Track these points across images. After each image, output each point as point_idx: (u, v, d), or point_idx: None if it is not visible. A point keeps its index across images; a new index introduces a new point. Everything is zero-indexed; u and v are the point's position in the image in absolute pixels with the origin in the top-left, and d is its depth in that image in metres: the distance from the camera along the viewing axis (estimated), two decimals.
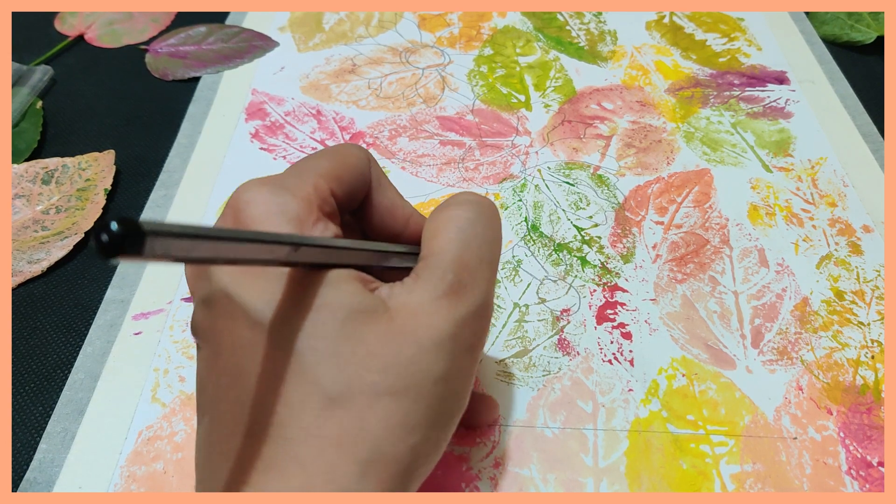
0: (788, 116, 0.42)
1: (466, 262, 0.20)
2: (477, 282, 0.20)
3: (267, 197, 0.19)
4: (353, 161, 0.22)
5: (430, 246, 0.20)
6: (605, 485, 0.26)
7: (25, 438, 0.28)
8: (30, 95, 0.43)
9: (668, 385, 0.29)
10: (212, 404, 0.19)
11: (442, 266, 0.19)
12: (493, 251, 0.21)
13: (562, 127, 0.42)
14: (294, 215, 0.19)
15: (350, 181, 0.21)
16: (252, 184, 0.20)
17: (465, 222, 0.21)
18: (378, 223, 0.23)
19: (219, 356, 0.19)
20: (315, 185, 0.20)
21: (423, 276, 0.19)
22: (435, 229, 0.21)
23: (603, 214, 0.36)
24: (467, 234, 0.20)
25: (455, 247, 0.20)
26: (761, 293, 0.33)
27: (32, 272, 0.34)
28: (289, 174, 0.20)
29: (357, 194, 0.22)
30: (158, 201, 0.37)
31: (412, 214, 0.23)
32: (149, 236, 0.11)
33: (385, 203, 0.23)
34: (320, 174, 0.20)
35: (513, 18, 0.50)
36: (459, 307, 0.19)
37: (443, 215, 0.21)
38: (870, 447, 0.27)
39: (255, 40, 0.48)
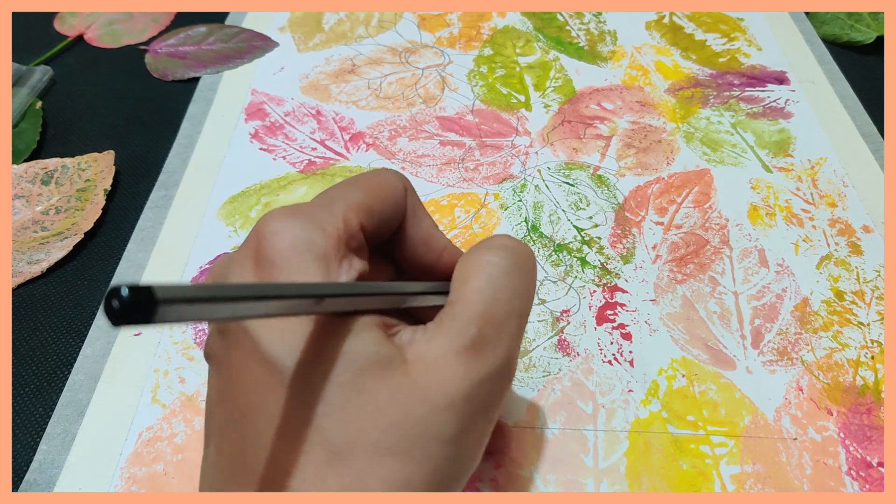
0: (788, 116, 0.42)
1: (493, 316, 0.19)
2: (501, 338, 0.19)
3: (293, 231, 0.18)
4: (389, 191, 0.21)
5: (458, 291, 0.19)
6: (605, 485, 0.26)
7: (25, 439, 0.28)
8: (29, 96, 0.43)
9: (668, 386, 0.29)
10: (218, 436, 0.19)
11: (466, 317, 0.18)
12: (523, 304, 0.20)
13: (562, 127, 0.42)
14: (320, 252, 0.18)
15: (383, 213, 0.20)
16: (279, 214, 0.19)
17: (498, 271, 0.19)
18: (410, 254, 0.22)
19: (230, 388, 0.18)
20: (345, 219, 0.19)
21: (445, 324, 0.18)
22: (466, 273, 0.20)
23: (603, 215, 0.36)
24: (498, 285, 0.19)
25: (483, 297, 0.19)
26: (761, 293, 0.33)
27: (32, 273, 0.34)
28: (318, 204, 0.19)
29: (390, 225, 0.21)
30: (158, 201, 0.37)
31: (447, 247, 0.22)
32: (161, 305, 0.11)
33: (420, 234, 0.22)
34: (351, 206, 0.19)
35: (512, 18, 0.50)
36: (479, 365, 0.18)
37: (476, 259, 0.20)
38: (870, 448, 0.27)
39: (254, 40, 0.48)
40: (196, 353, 0.30)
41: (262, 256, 0.18)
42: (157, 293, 0.11)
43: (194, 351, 0.30)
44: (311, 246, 0.18)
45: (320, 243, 0.18)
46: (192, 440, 0.27)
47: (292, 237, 0.18)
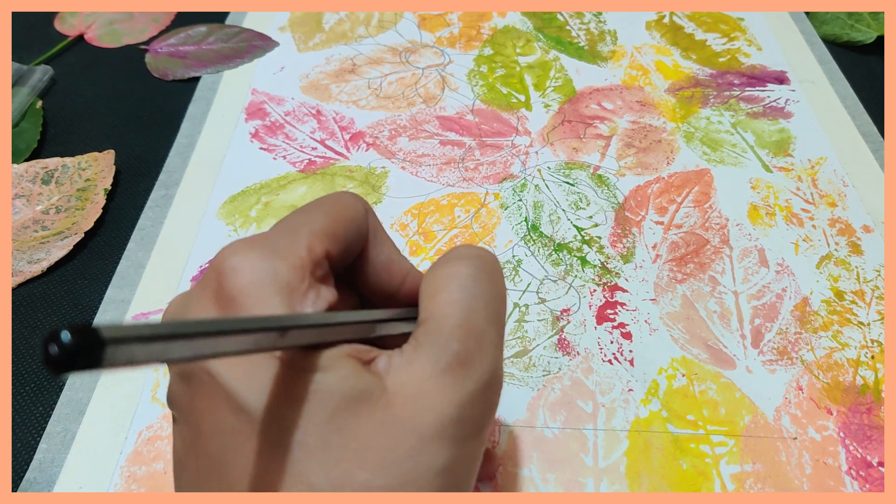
0: (788, 116, 0.42)
1: (472, 327, 0.18)
2: (485, 348, 0.18)
3: (254, 264, 0.17)
4: (350, 213, 0.20)
5: (429, 307, 0.18)
6: (605, 485, 0.26)
7: (26, 438, 0.28)
8: (30, 95, 0.43)
9: (668, 385, 0.29)
10: (190, 485, 0.17)
11: (444, 332, 0.17)
12: (499, 310, 0.19)
13: (562, 127, 0.42)
14: (284, 284, 0.17)
15: (346, 237, 0.19)
16: (238, 247, 0.17)
17: (468, 279, 0.18)
18: (373, 279, 0.21)
19: (198, 437, 0.17)
20: (308, 247, 0.18)
21: (423, 344, 0.17)
22: (435, 288, 0.19)
23: (603, 214, 0.36)
24: (471, 293, 0.18)
25: (458, 308, 0.18)
26: (761, 293, 0.33)
27: (32, 272, 0.34)
28: (279, 233, 0.18)
29: (353, 250, 0.20)
30: (158, 201, 0.37)
31: (409, 271, 0.21)
32: (109, 346, 0.10)
33: (381, 258, 0.21)
34: (314, 232, 0.18)
35: (513, 18, 0.50)
36: (466, 383, 0.17)
37: (442, 272, 0.19)
38: (870, 447, 0.27)
39: (255, 40, 0.48)
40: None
41: (222, 293, 0.17)
42: (103, 333, 0.10)
43: None
44: (274, 278, 0.17)
45: (284, 275, 0.17)
46: None
47: (253, 271, 0.17)
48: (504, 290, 0.20)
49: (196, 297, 0.18)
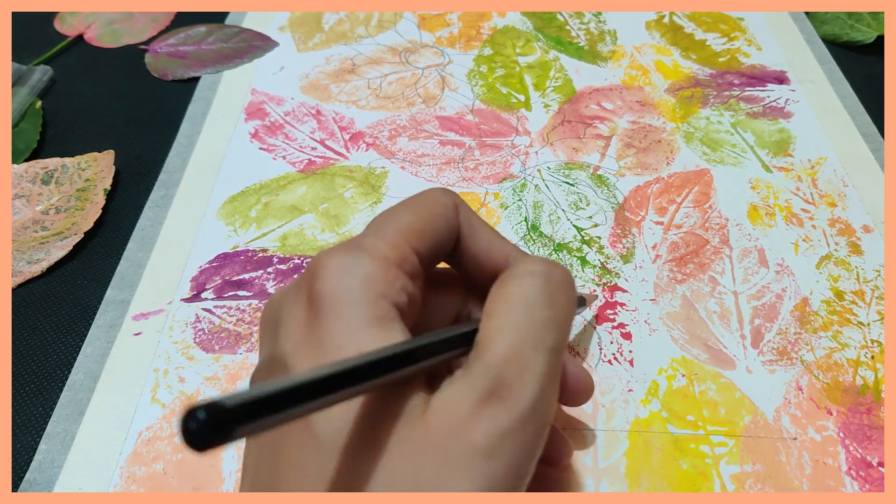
0: (788, 116, 0.42)
1: (515, 356, 0.17)
2: (526, 379, 0.17)
3: (341, 260, 0.18)
4: (439, 210, 0.20)
5: (483, 329, 0.18)
6: (605, 485, 0.26)
7: (25, 439, 0.28)
8: (29, 95, 0.43)
9: (667, 385, 0.29)
10: (252, 469, 0.18)
11: (486, 360, 0.17)
12: (556, 337, 0.18)
13: (561, 127, 0.42)
14: (367, 276, 0.18)
15: (434, 234, 0.20)
16: (330, 250, 0.18)
17: (524, 303, 0.18)
18: (475, 268, 0.21)
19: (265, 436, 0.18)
20: (394, 244, 0.19)
21: (468, 368, 0.17)
22: (491, 309, 0.18)
23: (603, 214, 0.36)
24: (522, 320, 0.18)
25: (505, 336, 0.17)
26: (761, 293, 0.33)
27: (32, 272, 0.34)
28: (368, 232, 0.19)
29: (444, 246, 0.20)
30: (158, 201, 0.37)
31: (510, 252, 0.21)
32: (238, 421, 0.11)
33: (480, 247, 0.21)
34: (401, 231, 0.19)
35: (512, 18, 0.50)
36: (500, 415, 0.16)
37: (501, 290, 0.19)
38: (870, 447, 0.27)
39: (254, 40, 0.48)
40: (196, 352, 0.30)
41: (314, 295, 0.18)
42: (230, 409, 0.11)
43: (194, 350, 0.30)
44: (358, 272, 0.17)
45: (367, 269, 0.18)
46: None
47: (339, 266, 0.18)
48: (568, 312, 0.19)
49: (291, 298, 0.18)
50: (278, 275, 0.33)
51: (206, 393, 0.29)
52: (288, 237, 0.35)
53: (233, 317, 0.32)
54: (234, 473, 0.26)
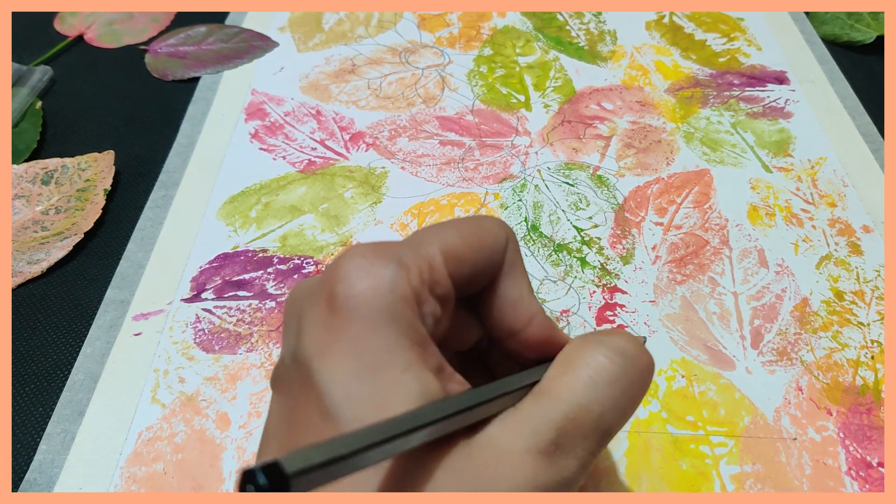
0: (788, 116, 0.42)
1: (577, 426, 0.17)
2: (577, 452, 0.17)
3: (373, 271, 0.17)
4: (489, 241, 0.19)
5: (553, 381, 0.18)
6: (605, 485, 0.26)
7: (25, 439, 0.28)
8: (29, 95, 0.43)
9: (667, 386, 0.29)
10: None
11: (549, 416, 0.17)
12: (616, 422, 0.18)
13: (561, 127, 0.42)
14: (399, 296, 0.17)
15: (475, 263, 0.19)
16: (361, 251, 0.17)
17: (604, 377, 0.18)
18: (498, 313, 0.20)
19: (286, 422, 0.17)
20: (431, 263, 0.18)
21: (525, 414, 0.17)
22: (569, 364, 0.18)
23: (602, 215, 0.36)
24: (597, 394, 0.17)
25: (575, 401, 0.17)
26: (761, 294, 0.33)
27: (32, 273, 0.34)
28: (407, 243, 0.18)
29: (481, 278, 0.19)
30: (158, 201, 0.37)
31: (536, 315, 0.20)
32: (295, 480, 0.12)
33: (511, 294, 0.20)
34: (441, 249, 0.18)
35: (512, 18, 0.50)
36: (549, 472, 0.16)
37: (586, 354, 0.18)
38: (869, 447, 0.27)
39: (254, 40, 0.48)
40: (196, 352, 0.30)
41: (335, 297, 0.17)
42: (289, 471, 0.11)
43: (194, 350, 0.30)
44: (390, 291, 0.16)
45: (400, 288, 0.17)
46: (191, 440, 0.27)
47: (370, 280, 0.17)
48: (638, 402, 0.19)
49: (312, 298, 0.18)
50: (278, 275, 0.33)
51: (205, 393, 0.29)
52: (288, 237, 0.35)
53: (233, 317, 0.32)
54: (234, 474, 0.26)
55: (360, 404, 0.16)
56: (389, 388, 0.16)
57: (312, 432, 0.16)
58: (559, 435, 0.17)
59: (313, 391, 0.16)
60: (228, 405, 0.29)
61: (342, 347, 0.16)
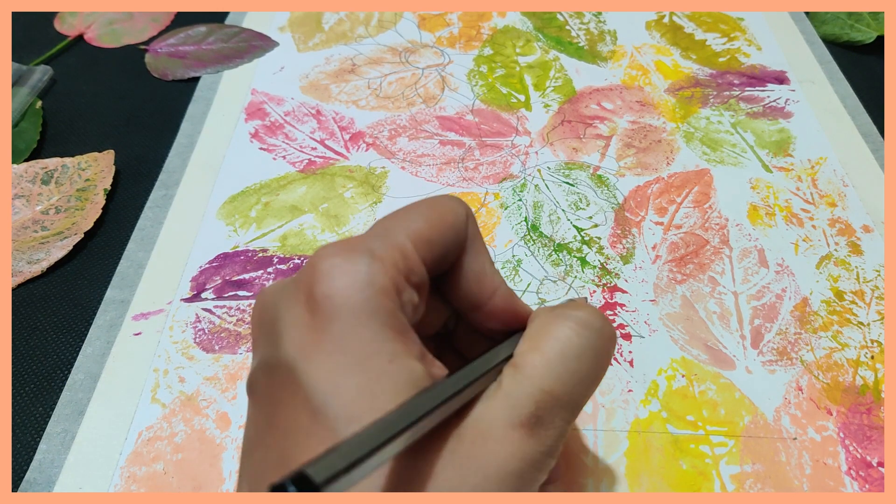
0: (788, 116, 0.42)
1: (553, 398, 0.18)
2: (555, 422, 0.18)
3: (349, 267, 0.17)
4: (451, 219, 0.19)
5: (527, 355, 0.18)
6: (605, 485, 0.26)
7: (25, 439, 0.28)
8: (30, 95, 0.43)
9: (667, 386, 0.29)
10: (254, 477, 0.17)
11: (527, 391, 0.17)
12: (588, 391, 0.19)
13: (561, 127, 0.42)
14: (379, 289, 0.17)
15: (443, 244, 0.19)
16: (333, 249, 0.17)
17: (574, 350, 0.18)
18: (463, 289, 0.20)
19: (270, 429, 0.17)
20: (403, 251, 0.18)
21: (505, 390, 0.18)
22: (538, 338, 0.19)
23: (602, 215, 0.36)
24: (568, 367, 0.18)
25: (550, 374, 0.18)
26: (761, 293, 0.33)
27: (32, 272, 0.34)
28: (375, 235, 0.18)
29: (449, 257, 0.20)
30: (158, 201, 0.37)
31: (499, 286, 0.21)
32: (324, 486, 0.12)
33: (475, 268, 0.20)
34: (411, 236, 0.18)
35: (513, 18, 0.50)
36: (532, 444, 0.17)
37: (555, 327, 0.19)
38: (869, 447, 0.27)
39: (254, 40, 0.48)
40: (196, 352, 0.30)
41: (314, 297, 0.17)
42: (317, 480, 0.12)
43: (194, 350, 0.30)
44: (369, 282, 0.17)
45: (379, 280, 0.17)
46: (191, 440, 0.27)
47: (347, 274, 0.17)
48: (603, 373, 0.19)
49: (289, 295, 0.18)
50: (278, 275, 0.33)
51: (205, 393, 0.29)
52: (288, 237, 0.35)
53: (233, 317, 0.32)
54: (234, 473, 0.26)
55: (349, 398, 0.16)
56: (378, 379, 0.16)
57: (302, 434, 0.16)
58: (538, 408, 0.17)
59: (299, 393, 0.16)
60: (228, 405, 0.28)
61: (326, 346, 0.16)
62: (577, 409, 0.19)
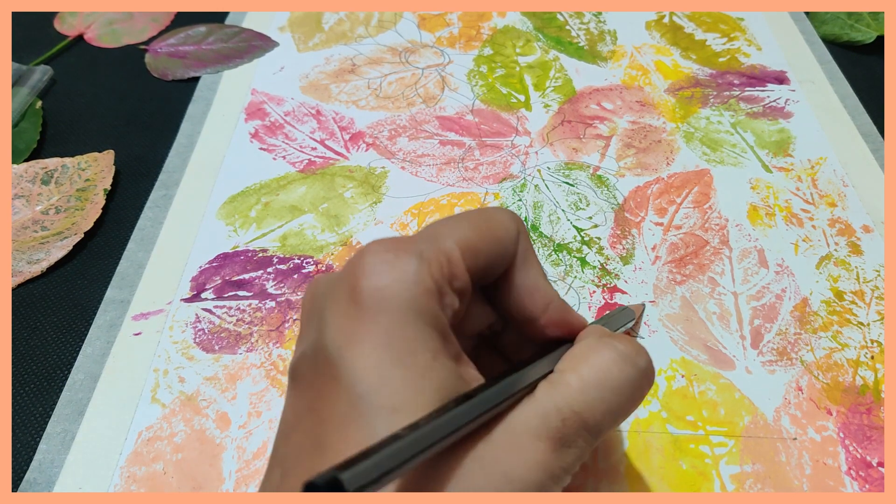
0: (788, 116, 0.42)
1: (581, 421, 0.18)
2: (578, 442, 0.18)
3: (395, 266, 0.17)
4: (500, 233, 0.20)
5: (565, 373, 0.19)
6: (605, 485, 0.26)
7: (25, 439, 0.28)
8: (29, 95, 0.43)
9: (667, 386, 0.29)
10: (287, 463, 0.18)
11: (558, 406, 0.18)
12: (615, 423, 0.19)
13: (561, 127, 0.42)
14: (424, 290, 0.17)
15: (489, 255, 0.19)
16: (380, 247, 0.18)
17: (612, 383, 0.19)
18: (515, 302, 0.21)
19: (309, 414, 0.18)
20: (449, 257, 0.18)
21: (539, 403, 0.18)
22: (581, 361, 0.19)
23: (602, 215, 0.36)
24: (604, 397, 0.18)
25: (582, 399, 0.18)
26: (761, 294, 0.33)
27: (32, 272, 0.34)
28: (424, 237, 0.19)
29: (495, 269, 0.20)
30: (158, 201, 0.37)
31: (553, 300, 0.21)
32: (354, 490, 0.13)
33: (527, 283, 0.20)
34: (457, 243, 0.18)
35: (512, 18, 0.50)
36: (555, 459, 0.17)
37: (597, 356, 0.19)
38: (869, 447, 0.27)
39: (254, 40, 0.48)
40: (196, 352, 0.30)
41: (361, 291, 0.17)
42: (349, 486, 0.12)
43: (194, 350, 0.30)
44: (415, 282, 0.17)
45: (425, 281, 0.17)
46: (191, 439, 0.27)
47: (393, 272, 0.17)
48: (633, 409, 0.20)
49: (334, 293, 0.18)
50: (278, 275, 0.33)
51: (205, 393, 0.29)
52: (288, 237, 0.35)
53: (233, 317, 0.32)
54: (234, 473, 0.26)
55: (393, 389, 0.16)
56: (421, 374, 0.17)
57: (340, 422, 0.17)
58: (564, 426, 0.18)
59: (340, 381, 0.17)
60: (228, 405, 0.29)
61: (371, 338, 0.17)
62: (600, 436, 0.19)
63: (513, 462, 0.17)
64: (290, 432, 0.18)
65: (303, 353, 0.19)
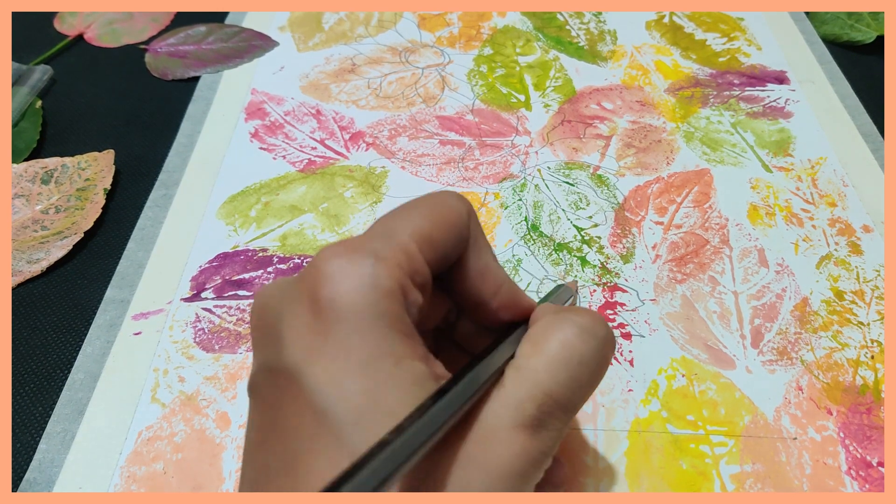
0: (788, 116, 0.42)
1: (555, 402, 0.18)
2: (555, 423, 0.18)
3: (353, 269, 0.17)
4: (453, 218, 0.19)
5: (528, 358, 0.18)
6: (605, 485, 0.26)
7: (25, 439, 0.28)
8: (29, 95, 0.43)
9: (667, 385, 0.29)
10: (256, 480, 0.17)
11: (529, 392, 0.18)
12: (587, 395, 0.19)
13: (561, 127, 0.42)
14: (385, 292, 0.17)
15: (446, 244, 0.19)
16: (336, 251, 0.17)
17: (577, 356, 0.18)
18: (468, 286, 0.20)
19: (273, 432, 0.17)
20: (407, 252, 0.17)
21: (508, 390, 0.18)
22: (542, 341, 0.19)
23: (603, 214, 0.36)
24: (571, 372, 0.18)
25: (551, 379, 0.18)
26: (761, 293, 0.33)
27: (32, 272, 0.34)
28: (378, 234, 0.18)
29: (451, 256, 0.19)
30: (158, 201, 0.37)
31: (504, 282, 0.20)
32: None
33: (479, 266, 0.20)
34: (412, 236, 0.18)
35: (513, 18, 0.50)
36: (534, 444, 0.17)
37: (556, 332, 0.19)
38: (869, 447, 0.27)
39: (254, 40, 0.48)
40: (196, 352, 0.30)
41: (318, 300, 0.17)
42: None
43: (194, 350, 0.30)
44: (374, 285, 0.16)
45: (384, 283, 0.17)
46: (191, 439, 0.27)
47: (352, 277, 0.17)
48: (600, 378, 0.19)
49: (291, 297, 0.17)
50: (278, 274, 0.33)
51: (205, 393, 0.29)
52: (288, 237, 0.35)
53: (233, 316, 0.32)
54: (234, 473, 0.26)
55: (355, 401, 0.16)
56: (384, 382, 0.16)
57: (306, 437, 0.16)
58: (540, 411, 0.18)
59: (302, 396, 0.16)
60: (228, 405, 0.28)
61: (331, 350, 0.16)
62: (575, 410, 0.19)
63: (492, 456, 0.17)
64: (255, 451, 0.18)
65: (259, 367, 0.18)
